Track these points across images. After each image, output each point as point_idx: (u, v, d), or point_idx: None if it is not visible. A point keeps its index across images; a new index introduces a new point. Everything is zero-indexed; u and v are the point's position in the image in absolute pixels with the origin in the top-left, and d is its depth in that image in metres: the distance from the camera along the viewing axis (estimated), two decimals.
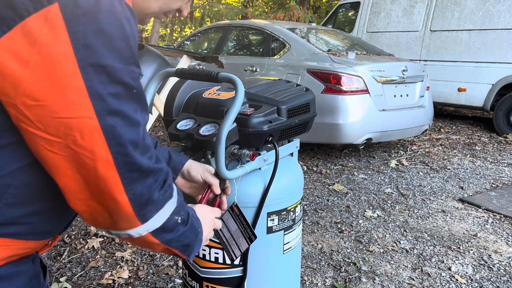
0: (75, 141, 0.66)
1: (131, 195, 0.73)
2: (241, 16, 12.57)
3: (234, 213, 1.26)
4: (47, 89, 0.63)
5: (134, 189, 0.73)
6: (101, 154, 0.68)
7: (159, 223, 0.80)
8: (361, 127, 4.38)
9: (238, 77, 1.15)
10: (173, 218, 0.82)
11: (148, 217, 0.77)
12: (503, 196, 3.71)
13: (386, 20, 7.72)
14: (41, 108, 0.64)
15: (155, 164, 0.76)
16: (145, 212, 0.76)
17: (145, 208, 0.76)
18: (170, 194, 0.81)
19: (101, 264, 2.50)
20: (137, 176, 0.73)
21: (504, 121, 6.21)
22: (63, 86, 0.64)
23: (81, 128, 0.66)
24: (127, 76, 0.69)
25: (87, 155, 0.68)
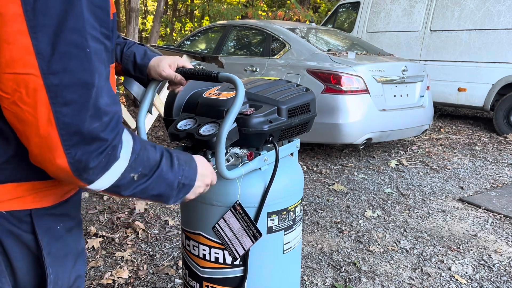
0: (21, 98, 0.69)
1: (70, 159, 0.73)
2: (241, 15, 12.57)
3: (237, 212, 1.26)
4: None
5: (73, 154, 0.73)
6: (43, 112, 0.69)
7: (109, 183, 0.80)
8: (361, 127, 4.38)
9: (238, 77, 1.15)
10: (127, 176, 0.81)
11: (92, 179, 0.77)
12: (503, 196, 3.71)
13: (386, 20, 7.72)
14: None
15: (101, 133, 0.74)
16: (87, 176, 0.76)
17: (85, 173, 0.76)
18: (114, 157, 0.78)
19: (101, 264, 2.50)
20: (78, 141, 0.72)
21: (504, 121, 6.21)
22: (12, 43, 0.67)
23: (27, 85, 0.68)
24: (77, 36, 0.70)
25: (31, 112, 0.69)
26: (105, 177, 0.78)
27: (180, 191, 0.94)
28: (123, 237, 2.83)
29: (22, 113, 0.70)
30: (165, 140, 5.57)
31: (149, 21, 22.21)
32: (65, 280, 0.92)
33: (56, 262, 0.89)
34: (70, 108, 0.71)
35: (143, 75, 1.27)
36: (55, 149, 0.72)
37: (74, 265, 0.94)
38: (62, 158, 0.73)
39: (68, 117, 0.71)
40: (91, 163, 0.75)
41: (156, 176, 0.86)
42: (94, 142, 0.74)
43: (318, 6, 15.84)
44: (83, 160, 0.74)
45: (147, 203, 3.38)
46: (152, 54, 1.27)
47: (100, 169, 0.77)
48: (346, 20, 8.73)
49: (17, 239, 0.84)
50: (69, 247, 0.92)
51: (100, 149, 0.75)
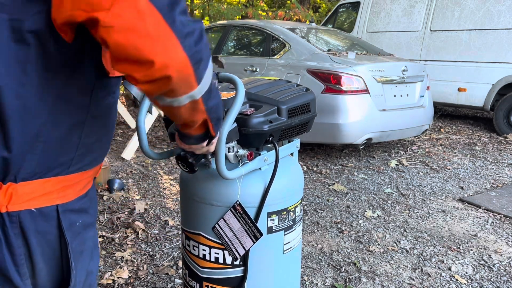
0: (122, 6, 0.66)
1: (189, 52, 0.72)
2: (241, 15, 12.56)
3: (237, 212, 1.26)
4: None
5: (189, 43, 0.72)
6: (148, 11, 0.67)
7: (208, 84, 0.81)
8: (361, 127, 4.38)
9: (238, 77, 1.15)
10: (212, 80, 0.83)
11: (201, 75, 0.77)
12: (503, 196, 3.71)
13: (386, 20, 7.72)
14: None
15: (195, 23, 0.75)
16: (201, 70, 0.76)
17: (199, 65, 0.75)
18: (209, 52, 0.80)
19: (101, 264, 2.50)
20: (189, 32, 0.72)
21: (504, 121, 6.21)
22: None
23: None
24: None
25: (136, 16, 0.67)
26: (207, 75, 0.79)
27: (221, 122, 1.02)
28: (123, 237, 2.83)
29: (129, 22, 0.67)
30: (165, 140, 5.57)
31: None
32: (82, 276, 0.94)
33: (75, 259, 0.91)
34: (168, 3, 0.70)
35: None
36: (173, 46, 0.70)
37: (89, 261, 0.97)
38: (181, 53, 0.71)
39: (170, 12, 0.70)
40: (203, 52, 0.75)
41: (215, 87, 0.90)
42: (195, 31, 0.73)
43: (318, 6, 15.84)
44: (198, 50, 0.74)
45: (147, 203, 3.38)
46: None
47: (207, 62, 0.78)
48: (346, 20, 8.73)
49: (43, 239, 0.85)
50: (85, 244, 0.95)
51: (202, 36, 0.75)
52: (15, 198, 0.80)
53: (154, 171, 4.26)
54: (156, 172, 4.25)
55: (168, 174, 4.20)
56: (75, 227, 0.90)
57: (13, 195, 0.80)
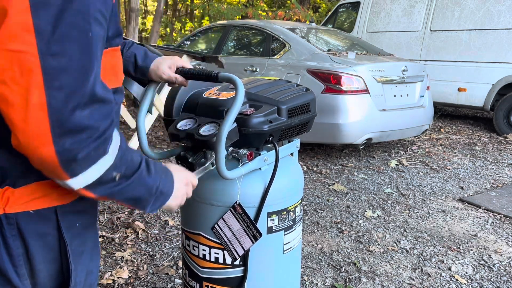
0: (13, 77, 0.64)
1: (58, 147, 0.68)
2: (241, 15, 12.56)
3: (236, 212, 1.26)
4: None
5: (62, 142, 0.68)
6: (35, 95, 0.64)
7: (91, 179, 0.75)
8: (361, 127, 4.38)
9: (238, 77, 1.15)
10: (110, 173, 0.77)
11: (76, 172, 0.73)
12: (503, 196, 3.71)
13: (386, 20, 7.72)
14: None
15: (94, 120, 0.70)
16: (73, 168, 0.72)
17: (72, 164, 0.71)
18: (104, 151, 0.74)
19: (101, 264, 2.50)
20: (69, 129, 0.68)
21: (504, 121, 6.21)
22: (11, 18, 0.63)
23: (21, 64, 0.64)
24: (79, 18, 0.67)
25: (22, 94, 0.65)
26: (90, 171, 0.74)
27: (158, 198, 0.90)
28: (123, 237, 2.83)
29: (11, 94, 0.64)
30: (165, 140, 5.57)
31: (149, 21, 22.21)
32: (82, 276, 0.95)
33: (76, 259, 0.91)
34: (65, 93, 0.66)
35: (144, 76, 1.28)
36: (43, 137, 0.67)
37: (90, 261, 0.97)
38: (49, 147, 0.68)
39: (61, 102, 0.66)
40: (81, 153, 0.70)
41: (136, 178, 0.83)
42: (85, 130, 0.69)
43: (318, 6, 15.84)
44: (73, 150, 0.69)
45: None
46: (152, 56, 1.27)
47: (88, 162, 0.73)
48: (346, 20, 8.73)
49: (41, 240, 0.85)
50: (85, 244, 0.95)
51: (91, 138, 0.70)
52: (12, 200, 0.80)
53: None
54: None
55: None
56: (74, 228, 0.90)
57: (10, 198, 0.80)
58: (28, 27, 0.63)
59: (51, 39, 0.64)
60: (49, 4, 0.64)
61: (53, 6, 0.64)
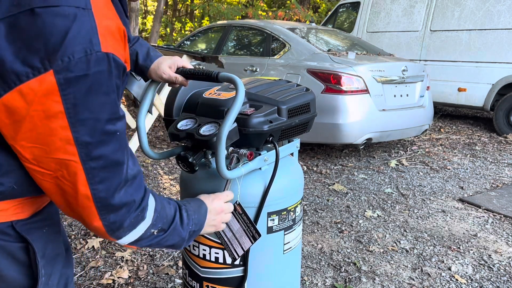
0: (63, 176, 0.79)
1: (105, 222, 0.85)
2: (241, 15, 12.57)
3: (236, 212, 1.26)
4: (42, 136, 0.75)
5: (108, 218, 0.84)
6: (82, 190, 0.80)
7: (133, 238, 0.92)
8: (361, 127, 4.38)
9: (238, 77, 1.15)
10: (148, 231, 0.93)
11: (121, 236, 0.89)
12: (503, 196, 3.71)
13: (386, 20, 7.72)
14: (36, 149, 0.76)
15: (130, 196, 0.86)
16: (118, 234, 0.88)
17: (117, 232, 0.88)
18: (142, 217, 0.90)
19: (101, 264, 2.50)
20: (111, 209, 0.84)
21: (504, 121, 6.21)
22: (55, 135, 0.75)
23: (67, 167, 0.78)
24: (109, 125, 0.79)
25: (71, 187, 0.80)
26: (131, 234, 0.90)
27: (191, 237, 1.05)
28: None
29: (64, 186, 0.80)
30: (165, 140, 5.57)
31: (149, 21, 22.21)
32: (55, 280, 0.94)
33: (49, 264, 0.92)
34: (105, 184, 0.81)
35: (143, 75, 1.28)
36: (92, 216, 0.83)
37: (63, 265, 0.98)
38: (98, 222, 0.84)
39: (103, 192, 0.81)
40: (124, 223, 0.87)
41: (171, 229, 0.98)
42: (124, 206, 0.85)
43: (318, 6, 15.84)
44: (117, 222, 0.86)
45: None
46: (154, 55, 1.27)
47: (130, 228, 0.89)
48: (346, 20, 8.73)
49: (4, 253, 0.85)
50: (59, 248, 0.96)
51: (131, 210, 0.87)
52: None
53: (154, 171, 4.26)
54: (156, 172, 4.25)
55: (168, 174, 4.20)
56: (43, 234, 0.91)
57: None
58: (70, 141, 0.76)
59: (89, 147, 0.77)
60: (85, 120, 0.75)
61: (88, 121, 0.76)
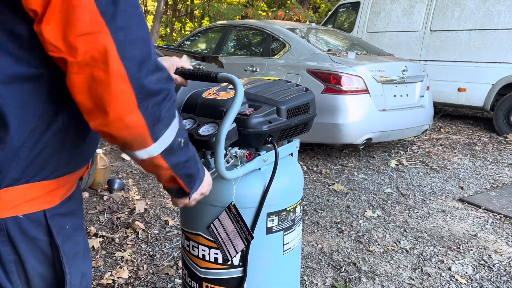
0: (93, 57, 0.70)
1: (144, 112, 0.76)
2: (241, 15, 12.56)
3: (231, 213, 1.26)
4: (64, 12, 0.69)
5: (146, 105, 0.76)
6: (115, 68, 0.71)
7: (167, 143, 0.83)
8: (361, 127, 4.38)
9: (237, 77, 1.15)
10: (177, 139, 0.86)
11: (158, 135, 0.81)
12: (503, 196, 3.71)
13: (386, 20, 7.72)
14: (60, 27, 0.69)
15: (164, 84, 0.78)
16: (156, 130, 0.79)
17: (156, 125, 0.79)
18: (174, 113, 0.83)
19: (101, 264, 2.50)
20: (148, 93, 0.75)
21: (504, 121, 6.21)
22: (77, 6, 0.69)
23: (97, 43, 0.70)
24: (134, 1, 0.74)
25: (103, 68, 0.71)
26: (166, 134, 0.82)
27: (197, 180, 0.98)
28: (123, 237, 2.83)
29: (95, 71, 0.71)
30: None
31: (149, 21, 22.19)
32: (77, 279, 0.94)
33: (69, 262, 0.91)
34: (137, 61, 0.73)
35: None
36: (130, 104, 0.74)
37: (83, 263, 0.97)
38: (136, 112, 0.75)
39: (137, 71, 0.73)
40: (162, 113, 0.78)
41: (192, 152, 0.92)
42: (160, 92, 0.77)
43: (318, 6, 15.84)
44: (155, 111, 0.77)
45: (147, 203, 3.38)
46: None
47: (166, 122, 0.81)
48: (346, 20, 8.73)
49: (33, 245, 0.84)
50: (78, 246, 0.94)
51: (166, 98, 0.79)
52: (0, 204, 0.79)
53: None
54: None
55: None
56: (65, 231, 0.89)
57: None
58: (94, 11, 0.69)
59: (114, 16, 0.71)
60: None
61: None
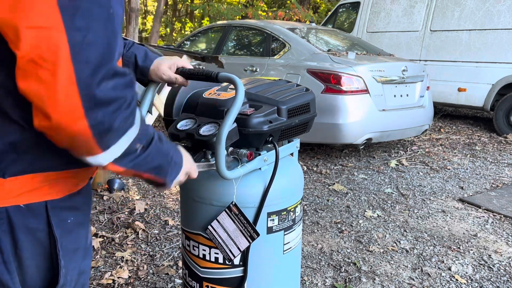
0: (40, 55, 0.65)
1: (91, 121, 0.70)
2: (241, 15, 12.57)
3: (232, 213, 1.26)
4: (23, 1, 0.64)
5: (95, 115, 0.70)
6: (64, 70, 0.66)
7: (119, 151, 0.78)
8: (361, 127, 4.38)
9: (238, 77, 1.15)
10: (134, 145, 0.80)
11: (109, 144, 0.75)
12: (503, 196, 3.71)
13: (386, 20, 7.72)
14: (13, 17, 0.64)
15: (120, 91, 0.73)
16: (105, 140, 0.74)
17: (105, 136, 0.73)
18: (132, 122, 0.78)
19: (101, 264, 2.50)
20: (99, 102, 0.70)
21: (504, 121, 6.21)
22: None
23: (48, 40, 0.65)
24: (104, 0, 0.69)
25: (50, 70, 0.66)
26: (119, 143, 0.77)
27: (173, 167, 0.93)
28: (123, 237, 2.83)
29: (40, 71, 0.65)
30: None
31: (149, 21, 22.21)
32: (74, 275, 0.93)
33: (67, 256, 0.90)
34: (92, 66, 0.68)
35: (144, 77, 1.28)
36: (75, 112, 0.68)
37: (82, 260, 0.96)
38: (82, 121, 0.69)
39: (89, 76, 0.67)
40: (114, 124, 0.73)
41: (153, 147, 0.85)
42: (114, 101, 0.72)
43: (318, 6, 15.84)
44: (105, 122, 0.71)
45: (147, 203, 3.38)
46: (152, 56, 1.27)
47: (119, 132, 0.75)
48: (346, 20, 8.73)
49: (32, 235, 0.84)
50: (79, 241, 0.94)
51: (121, 108, 0.73)
52: (2, 193, 0.79)
53: None
54: None
55: None
56: (66, 224, 0.89)
57: (1, 190, 0.79)
58: (52, 4, 0.64)
59: (75, 13, 0.66)
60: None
61: None
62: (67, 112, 0.68)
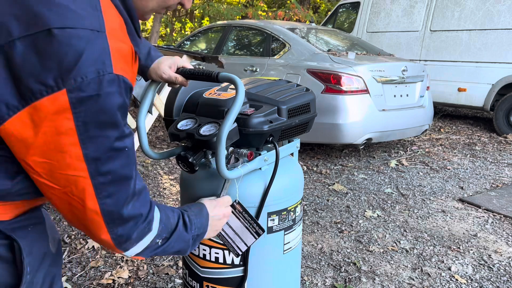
0: (71, 191, 0.81)
1: (113, 235, 0.87)
2: (241, 15, 12.56)
3: (236, 211, 1.27)
4: (53, 152, 0.78)
5: (116, 231, 0.87)
6: (90, 205, 0.82)
7: (140, 249, 0.94)
8: (361, 127, 4.38)
9: (238, 77, 1.15)
10: (153, 242, 0.96)
11: (128, 248, 0.92)
12: (503, 196, 3.72)
13: (386, 20, 7.72)
14: (47, 164, 0.79)
15: (137, 210, 0.89)
16: (125, 246, 0.91)
17: (124, 244, 0.90)
18: (149, 229, 0.93)
19: (101, 264, 2.50)
20: (119, 222, 0.87)
21: (504, 121, 6.21)
22: (65, 152, 0.78)
23: (76, 183, 0.80)
24: (118, 142, 0.82)
25: (79, 202, 0.82)
26: (138, 245, 0.93)
27: (195, 242, 1.08)
28: None
29: (72, 201, 0.82)
30: (165, 140, 5.57)
31: (149, 21, 22.20)
32: (39, 279, 0.93)
33: (35, 262, 0.91)
34: (113, 199, 0.84)
35: (143, 75, 1.28)
36: (100, 229, 0.86)
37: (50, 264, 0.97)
38: (106, 235, 0.87)
39: (111, 206, 0.84)
40: (132, 236, 0.90)
41: (175, 236, 1.01)
42: (131, 219, 0.88)
43: (318, 6, 15.85)
44: (124, 235, 0.89)
45: None
46: (155, 55, 1.27)
47: (137, 240, 0.92)
48: (346, 20, 8.73)
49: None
50: (46, 246, 0.95)
51: (138, 223, 0.90)
52: None
53: (154, 171, 4.26)
54: (156, 172, 4.25)
55: (168, 174, 4.20)
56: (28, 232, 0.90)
57: None
58: (79, 158, 0.79)
59: (98, 163, 0.80)
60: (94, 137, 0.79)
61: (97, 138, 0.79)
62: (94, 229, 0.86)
